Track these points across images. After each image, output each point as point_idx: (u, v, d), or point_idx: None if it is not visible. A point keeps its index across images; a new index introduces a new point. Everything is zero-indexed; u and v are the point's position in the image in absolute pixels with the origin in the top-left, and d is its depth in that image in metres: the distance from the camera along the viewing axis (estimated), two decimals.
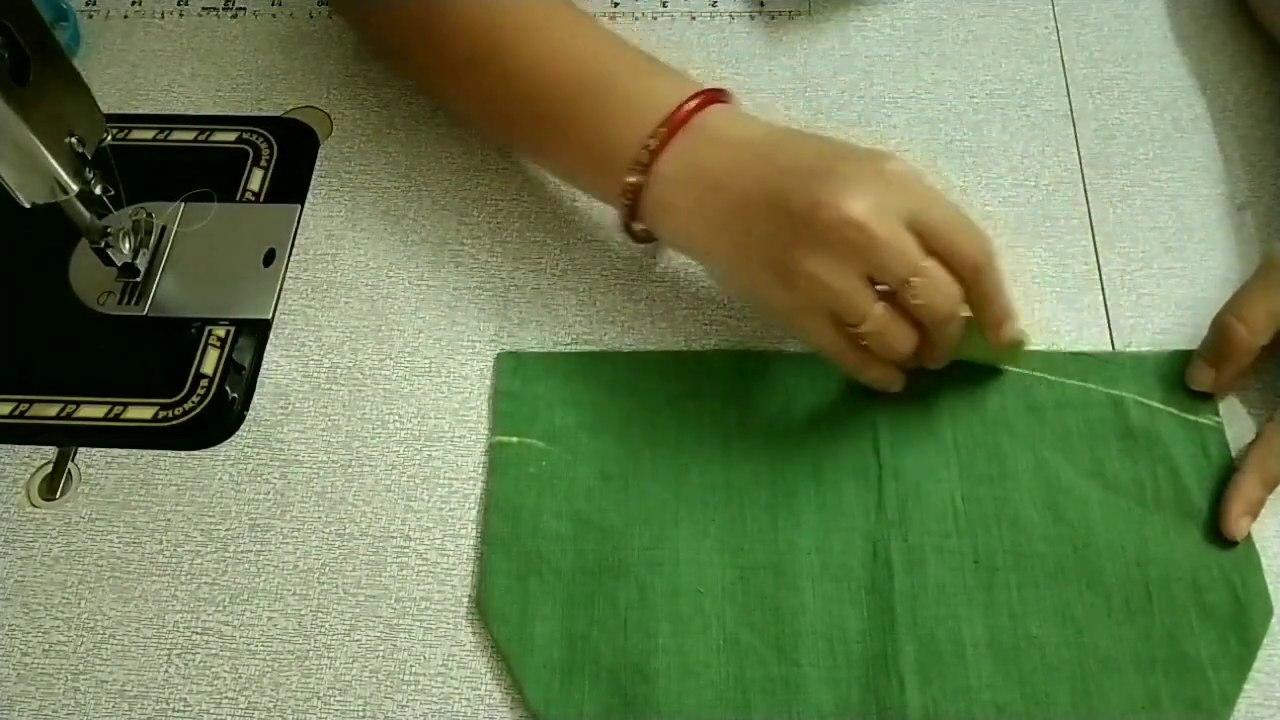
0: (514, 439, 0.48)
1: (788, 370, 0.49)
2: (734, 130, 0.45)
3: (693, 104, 0.45)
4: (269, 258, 0.54)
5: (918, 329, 0.43)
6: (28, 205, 0.44)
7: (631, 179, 0.45)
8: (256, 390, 0.51)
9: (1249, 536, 0.44)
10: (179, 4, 0.63)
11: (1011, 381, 0.48)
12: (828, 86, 0.58)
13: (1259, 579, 0.44)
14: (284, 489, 0.48)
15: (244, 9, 0.63)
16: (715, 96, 0.46)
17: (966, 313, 0.43)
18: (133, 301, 0.53)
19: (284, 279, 0.54)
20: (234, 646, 0.45)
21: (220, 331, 0.52)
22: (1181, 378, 0.48)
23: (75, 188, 0.45)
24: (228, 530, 0.47)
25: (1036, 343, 0.49)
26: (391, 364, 0.51)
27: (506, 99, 0.50)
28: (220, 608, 0.46)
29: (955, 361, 0.48)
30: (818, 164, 0.42)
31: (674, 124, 0.44)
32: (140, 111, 0.59)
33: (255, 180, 0.56)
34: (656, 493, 0.46)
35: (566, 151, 0.50)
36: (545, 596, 0.45)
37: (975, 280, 0.42)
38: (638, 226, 0.48)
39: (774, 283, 0.43)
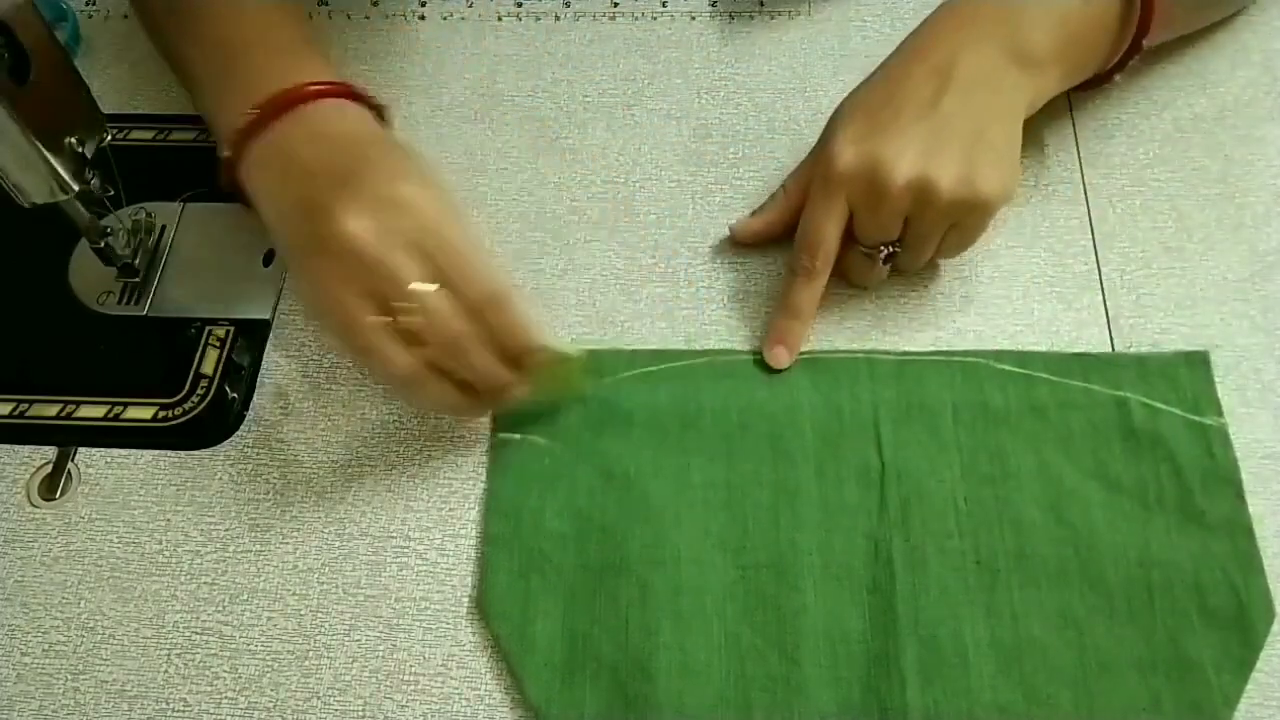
0: (516, 436, 0.48)
1: (790, 370, 0.49)
2: (326, 127, 0.45)
3: (303, 92, 0.45)
4: (269, 258, 0.54)
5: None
6: (28, 205, 0.44)
7: (226, 152, 0.46)
8: (256, 390, 0.51)
9: (1251, 537, 0.44)
10: None
11: (1014, 382, 0.48)
12: (828, 86, 0.58)
13: (1261, 581, 0.43)
14: (284, 489, 0.48)
15: None
16: (342, 90, 0.46)
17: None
18: (133, 301, 0.53)
19: (284, 279, 0.54)
20: (233, 646, 0.45)
21: (220, 331, 0.52)
22: (1185, 379, 0.48)
23: (75, 188, 0.45)
24: (227, 530, 0.47)
25: (1018, 344, 0.49)
26: None
27: (183, 49, 0.51)
28: (220, 608, 0.46)
29: (953, 363, 0.49)
30: (349, 174, 0.42)
31: (270, 107, 0.45)
32: (140, 111, 0.59)
33: None
34: (658, 492, 0.46)
35: (206, 114, 0.50)
36: (546, 595, 0.44)
37: (483, 314, 0.42)
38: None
39: (302, 279, 0.43)
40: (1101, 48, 0.49)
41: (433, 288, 0.41)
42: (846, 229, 0.48)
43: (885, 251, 0.48)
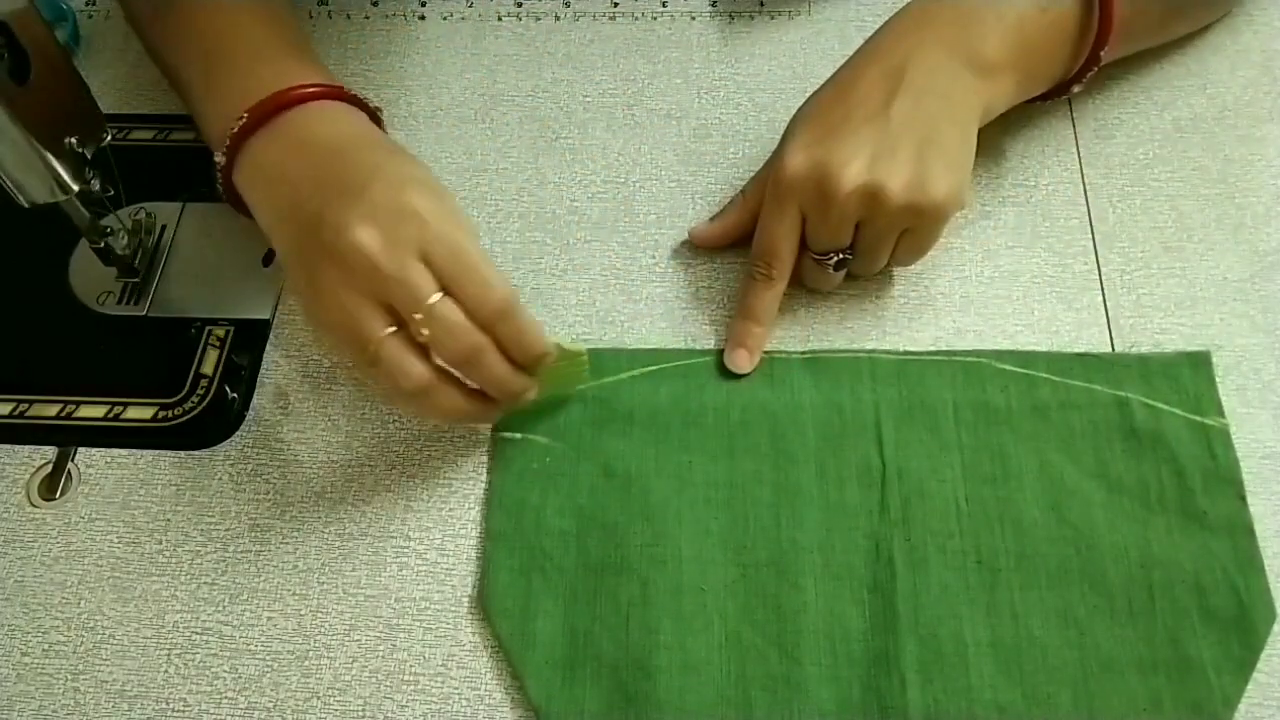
0: (518, 435, 0.48)
1: (791, 369, 0.49)
2: (320, 130, 0.45)
3: (293, 95, 0.45)
4: (269, 258, 0.54)
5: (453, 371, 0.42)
6: (28, 205, 0.44)
7: (219, 158, 0.46)
8: (256, 390, 0.51)
9: (1252, 537, 0.44)
10: None
11: (1016, 382, 0.48)
12: None
13: (1262, 582, 0.43)
14: (284, 489, 0.48)
15: None
16: (329, 93, 0.46)
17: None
18: (133, 301, 0.53)
19: (284, 279, 0.53)
20: (233, 646, 0.45)
21: (220, 331, 0.52)
22: (1188, 379, 0.47)
23: (75, 188, 0.45)
24: (228, 530, 0.47)
25: (1018, 344, 0.49)
26: None
27: (171, 53, 0.51)
28: (220, 608, 0.46)
29: (955, 363, 0.49)
30: (355, 183, 0.41)
31: (258, 112, 0.44)
32: (140, 111, 0.59)
33: None
34: (659, 490, 0.46)
35: (196, 118, 0.50)
36: (547, 593, 0.45)
37: (491, 326, 0.41)
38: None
39: (306, 288, 0.42)
40: (1059, 57, 0.49)
41: (448, 300, 0.40)
42: (802, 234, 0.47)
43: (835, 259, 0.48)
